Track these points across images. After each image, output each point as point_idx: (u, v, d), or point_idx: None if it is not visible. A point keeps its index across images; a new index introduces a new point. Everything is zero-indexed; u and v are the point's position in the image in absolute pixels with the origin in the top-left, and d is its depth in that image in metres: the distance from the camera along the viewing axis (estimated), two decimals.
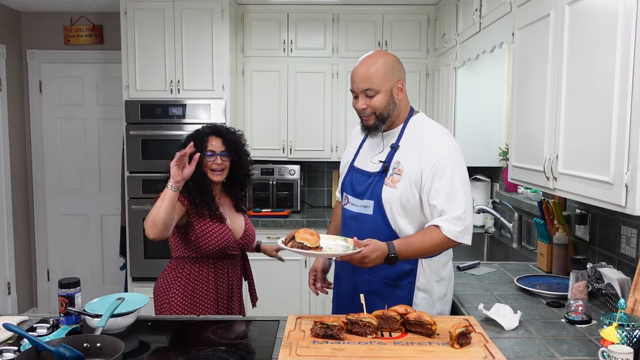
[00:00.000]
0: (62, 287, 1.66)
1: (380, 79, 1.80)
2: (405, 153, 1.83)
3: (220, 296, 2.13)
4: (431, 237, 1.75)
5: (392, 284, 1.85)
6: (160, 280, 2.16)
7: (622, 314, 1.43)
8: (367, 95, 1.82)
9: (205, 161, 2.07)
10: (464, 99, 3.41)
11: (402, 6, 4.02)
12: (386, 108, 1.83)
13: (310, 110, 4.09)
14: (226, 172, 2.12)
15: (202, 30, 3.68)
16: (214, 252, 2.09)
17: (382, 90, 1.81)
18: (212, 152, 2.08)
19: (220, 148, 2.10)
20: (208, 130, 2.13)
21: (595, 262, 2.18)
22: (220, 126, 2.17)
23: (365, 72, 1.81)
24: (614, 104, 1.48)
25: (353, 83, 1.85)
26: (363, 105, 1.84)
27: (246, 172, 2.21)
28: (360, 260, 1.68)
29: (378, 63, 1.81)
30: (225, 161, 2.10)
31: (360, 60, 1.87)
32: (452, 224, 1.74)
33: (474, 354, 1.45)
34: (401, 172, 1.81)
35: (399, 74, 1.85)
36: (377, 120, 1.84)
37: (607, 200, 1.53)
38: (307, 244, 1.66)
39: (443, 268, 1.89)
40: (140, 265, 3.76)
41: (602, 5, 1.57)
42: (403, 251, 1.72)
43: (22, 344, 1.48)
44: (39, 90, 4.39)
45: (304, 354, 1.44)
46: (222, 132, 2.13)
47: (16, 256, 4.25)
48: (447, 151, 1.78)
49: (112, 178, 4.38)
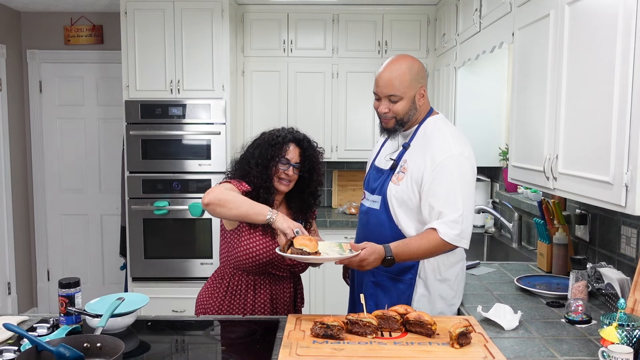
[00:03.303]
0: (62, 287, 1.66)
1: (405, 86, 1.82)
2: (413, 152, 1.87)
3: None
4: (428, 240, 1.75)
5: (395, 277, 1.88)
6: (203, 288, 2.06)
7: (622, 314, 1.43)
8: (390, 100, 1.85)
9: (277, 167, 1.93)
10: (464, 99, 3.41)
11: (402, 6, 4.02)
12: (407, 113, 1.86)
13: (310, 111, 4.09)
14: (292, 185, 1.97)
15: (202, 31, 3.68)
16: (254, 267, 1.93)
17: (406, 97, 1.84)
18: (287, 160, 1.93)
19: (296, 159, 1.96)
20: (290, 137, 1.98)
21: (595, 262, 2.18)
22: (303, 136, 2.01)
23: (390, 78, 1.83)
24: (614, 104, 1.48)
25: (377, 87, 1.86)
26: (385, 110, 1.86)
27: (313, 190, 2.03)
28: (359, 264, 1.70)
29: (404, 70, 1.83)
30: (296, 174, 1.96)
31: (386, 64, 1.87)
32: (449, 227, 1.74)
33: (474, 354, 1.45)
34: (405, 171, 1.85)
35: (422, 80, 1.88)
36: (396, 124, 1.88)
37: (607, 200, 1.53)
38: (307, 249, 1.66)
39: (449, 269, 1.89)
40: (141, 266, 3.76)
41: (602, 5, 1.57)
42: (400, 253, 1.74)
43: (22, 344, 1.48)
44: (39, 91, 4.39)
45: (304, 354, 1.44)
46: (304, 145, 1.98)
47: (16, 256, 4.25)
48: (452, 154, 1.78)
49: (112, 178, 4.38)
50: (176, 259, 3.75)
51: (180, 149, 3.71)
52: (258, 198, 1.89)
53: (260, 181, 1.92)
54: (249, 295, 1.96)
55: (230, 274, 1.99)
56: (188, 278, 3.75)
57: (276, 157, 1.93)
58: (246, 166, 1.96)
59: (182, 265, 3.76)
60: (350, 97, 4.11)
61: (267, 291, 1.98)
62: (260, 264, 1.92)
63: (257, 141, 2.00)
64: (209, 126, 3.70)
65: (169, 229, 3.75)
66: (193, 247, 3.74)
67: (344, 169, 4.47)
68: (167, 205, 3.71)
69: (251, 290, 1.97)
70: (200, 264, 3.74)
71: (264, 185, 1.92)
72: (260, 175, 1.92)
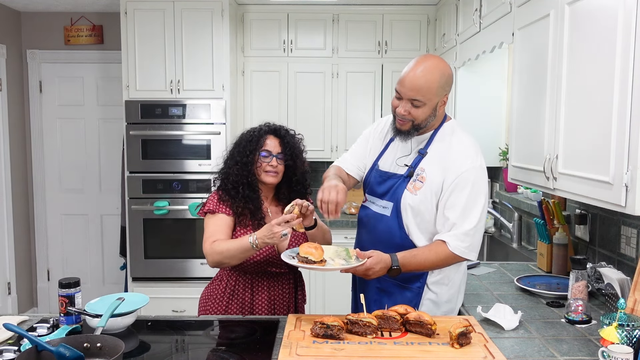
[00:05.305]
0: (62, 287, 1.66)
1: (431, 94, 1.72)
2: (431, 161, 1.79)
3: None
4: (436, 251, 1.73)
5: (402, 285, 1.84)
6: (205, 289, 2.06)
7: (622, 314, 1.43)
8: (412, 104, 1.74)
9: (260, 162, 1.93)
10: (464, 99, 3.41)
11: (402, 6, 4.02)
12: (426, 120, 1.78)
13: (310, 111, 4.10)
14: (280, 176, 1.96)
15: (202, 30, 3.68)
16: (250, 266, 1.92)
17: (429, 104, 1.74)
18: (267, 152, 1.93)
19: (277, 149, 1.95)
20: (266, 129, 1.98)
21: (595, 262, 2.18)
22: (279, 126, 2.01)
23: (418, 82, 1.71)
24: (614, 104, 1.48)
25: (402, 86, 1.74)
26: (404, 112, 1.75)
27: (300, 178, 2.01)
28: (364, 273, 1.68)
29: (435, 77, 1.71)
30: (281, 164, 1.95)
31: (416, 64, 1.74)
32: (460, 239, 1.72)
33: (474, 353, 1.45)
34: (424, 180, 1.78)
35: (448, 88, 1.78)
36: (412, 128, 1.79)
37: (607, 200, 1.53)
38: (312, 258, 1.67)
39: (455, 273, 1.87)
40: (141, 265, 3.76)
41: (602, 6, 1.57)
42: (406, 264, 1.71)
43: (22, 344, 1.48)
44: (39, 91, 4.39)
45: (304, 354, 1.44)
46: (281, 133, 1.98)
47: (16, 256, 4.25)
48: (472, 167, 1.74)
49: (112, 178, 4.38)
50: (176, 259, 3.75)
51: (180, 149, 3.71)
52: (240, 196, 1.91)
53: (240, 178, 1.92)
54: (247, 295, 1.97)
55: (228, 274, 1.99)
56: (188, 278, 3.75)
57: (255, 151, 1.93)
58: (226, 168, 1.98)
59: (182, 265, 3.76)
60: (350, 97, 4.11)
61: (266, 290, 1.98)
62: (256, 262, 1.92)
63: (236, 142, 2.02)
64: (209, 126, 3.70)
65: (169, 229, 3.75)
66: (193, 247, 3.74)
67: None
68: (167, 205, 3.71)
69: (249, 289, 1.97)
70: (200, 264, 3.73)
71: (245, 181, 1.92)
72: (241, 172, 1.93)
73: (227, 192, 1.94)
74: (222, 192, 1.96)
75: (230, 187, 1.94)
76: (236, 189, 1.92)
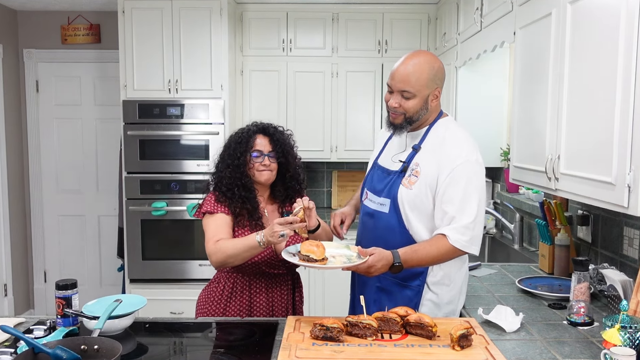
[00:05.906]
0: (59, 288, 1.65)
1: (420, 85, 1.76)
2: (425, 156, 1.81)
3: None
4: (437, 246, 1.73)
5: (402, 283, 1.85)
6: (202, 291, 2.06)
7: (625, 315, 1.42)
8: (403, 96, 1.78)
9: (252, 162, 1.94)
10: (464, 98, 3.39)
11: (402, 5, 4.01)
12: (417, 112, 1.81)
13: (310, 110, 4.08)
14: (274, 174, 1.97)
15: (200, 30, 3.66)
16: (248, 267, 1.92)
17: (419, 96, 1.78)
18: (259, 152, 1.94)
19: (268, 148, 1.95)
20: (255, 129, 1.98)
21: (597, 263, 2.17)
22: (267, 124, 2.01)
23: (407, 73, 1.76)
24: (616, 104, 1.47)
25: (392, 80, 1.80)
26: (395, 105, 1.80)
27: (294, 174, 2.01)
28: (366, 270, 1.68)
29: (423, 67, 1.76)
30: (273, 162, 1.96)
31: (405, 58, 1.80)
32: (460, 232, 1.72)
33: (475, 356, 1.43)
34: (418, 175, 1.79)
35: (439, 82, 1.82)
36: (404, 121, 1.82)
37: (610, 201, 1.52)
38: (313, 256, 1.66)
39: (456, 272, 1.87)
40: (138, 267, 3.74)
41: (604, 4, 1.56)
42: (408, 260, 1.71)
43: (19, 346, 1.47)
44: (36, 90, 4.37)
45: (303, 357, 1.42)
46: (269, 131, 1.99)
47: (13, 257, 4.23)
48: (466, 160, 1.75)
49: (110, 178, 4.36)
50: (174, 260, 3.73)
51: (179, 149, 3.69)
52: (236, 197, 1.91)
53: (234, 180, 1.92)
54: (245, 297, 1.96)
55: (226, 276, 1.98)
56: (186, 280, 3.73)
57: (246, 152, 1.93)
58: (219, 172, 1.98)
59: (180, 266, 3.74)
60: (350, 97, 4.09)
61: (264, 292, 1.97)
62: (254, 263, 1.91)
63: (225, 144, 2.01)
64: (207, 126, 3.68)
65: (167, 230, 3.73)
66: (191, 248, 3.72)
67: (343, 169, 4.46)
68: (165, 206, 3.69)
69: (247, 291, 1.96)
70: (199, 265, 3.72)
71: (239, 183, 1.92)
72: (233, 175, 1.92)
73: (224, 194, 1.93)
74: (219, 194, 1.95)
75: (225, 189, 1.93)
76: (232, 191, 1.92)
